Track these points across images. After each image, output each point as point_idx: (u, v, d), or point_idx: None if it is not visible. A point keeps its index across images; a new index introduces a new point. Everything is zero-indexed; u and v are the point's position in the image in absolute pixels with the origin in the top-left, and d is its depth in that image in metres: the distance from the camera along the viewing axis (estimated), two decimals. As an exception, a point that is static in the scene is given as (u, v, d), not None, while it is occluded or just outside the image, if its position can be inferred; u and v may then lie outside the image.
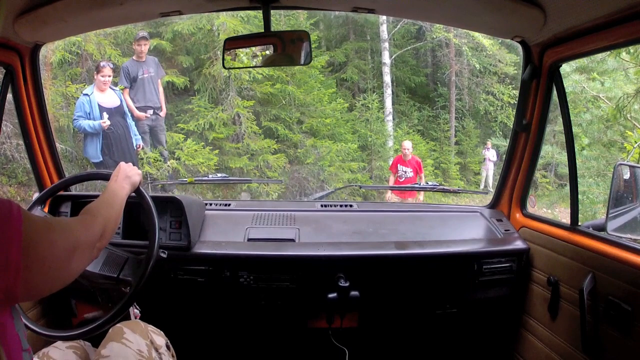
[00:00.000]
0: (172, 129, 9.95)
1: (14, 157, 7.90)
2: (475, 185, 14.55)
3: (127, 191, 1.96)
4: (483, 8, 2.11)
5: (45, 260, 1.22)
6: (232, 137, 10.64)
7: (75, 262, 1.35)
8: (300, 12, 12.41)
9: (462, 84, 15.74)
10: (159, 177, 8.54)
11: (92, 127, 6.60)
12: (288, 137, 11.29)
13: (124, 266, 2.16)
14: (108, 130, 6.65)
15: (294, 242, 2.59)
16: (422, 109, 15.59)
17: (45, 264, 1.22)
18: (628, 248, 1.98)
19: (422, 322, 2.89)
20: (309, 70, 11.72)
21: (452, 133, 15.27)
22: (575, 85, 8.66)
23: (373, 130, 13.00)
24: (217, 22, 10.26)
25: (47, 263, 1.23)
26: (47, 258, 1.23)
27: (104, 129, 6.61)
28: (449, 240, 2.68)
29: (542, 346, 2.48)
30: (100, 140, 6.74)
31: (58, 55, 8.88)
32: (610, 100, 8.42)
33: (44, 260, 1.21)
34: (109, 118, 6.63)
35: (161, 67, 8.04)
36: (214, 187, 9.65)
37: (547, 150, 10.63)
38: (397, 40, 15.39)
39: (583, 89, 8.77)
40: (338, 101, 12.50)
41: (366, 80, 14.86)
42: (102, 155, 6.78)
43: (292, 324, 2.83)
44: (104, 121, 6.55)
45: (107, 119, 6.57)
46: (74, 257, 1.34)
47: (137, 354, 1.87)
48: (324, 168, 11.02)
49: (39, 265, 1.20)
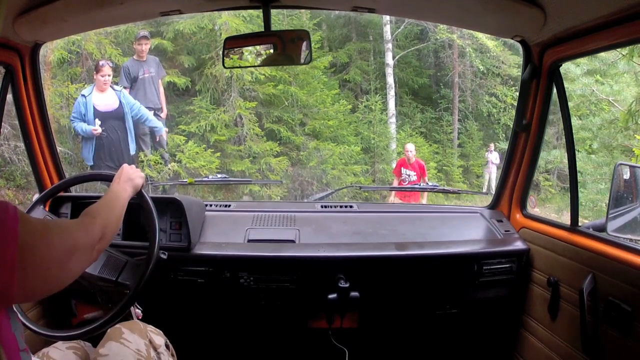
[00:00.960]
0: (173, 130, 9.91)
1: (12, 160, 7.84)
2: (478, 188, 14.48)
3: (128, 194, 1.96)
4: (483, 8, 2.11)
5: (42, 261, 1.21)
6: (234, 139, 10.61)
7: (73, 264, 1.34)
8: (303, 12, 12.40)
9: (465, 86, 15.68)
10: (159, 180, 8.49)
11: (84, 130, 6.52)
12: (291, 139, 11.27)
13: (122, 269, 2.16)
14: (102, 135, 6.56)
15: (294, 243, 2.60)
16: (424, 111, 15.53)
17: (43, 266, 1.21)
18: (628, 248, 1.98)
19: (422, 323, 2.89)
20: (311, 71, 11.70)
21: (455, 135, 15.21)
22: (585, 89, 8.60)
23: (376, 132, 12.96)
24: (220, 21, 10.25)
25: (44, 264, 1.22)
26: (44, 259, 1.22)
27: (95, 135, 6.52)
28: (449, 241, 2.68)
29: (542, 347, 2.48)
30: (94, 143, 6.66)
31: (57, 54, 8.84)
32: (618, 103, 8.38)
33: (41, 262, 1.21)
34: (104, 122, 6.53)
35: (162, 67, 8.02)
36: (215, 190, 9.64)
37: (556, 154, 10.52)
38: (400, 41, 15.35)
39: (592, 92, 8.71)
40: (341, 103, 12.43)
41: (369, 81, 14.80)
42: (96, 159, 6.70)
43: (292, 325, 2.83)
44: (94, 128, 6.46)
45: (98, 126, 6.47)
46: (72, 259, 1.32)
47: (136, 353, 1.87)
48: (327, 171, 10.98)
49: (36, 267, 1.19)
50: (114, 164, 6.65)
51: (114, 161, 6.71)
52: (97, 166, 6.65)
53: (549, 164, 11.83)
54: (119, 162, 6.72)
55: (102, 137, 6.62)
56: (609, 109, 9.03)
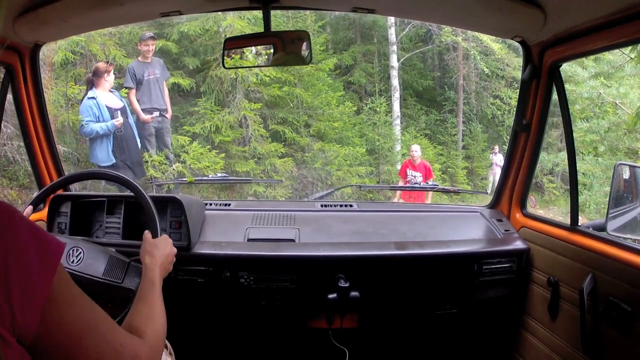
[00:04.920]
0: (177, 131, 9.93)
1: (15, 159, 7.84)
2: (482, 189, 14.40)
3: (161, 278, 1.75)
4: (483, 8, 2.12)
5: (58, 335, 0.95)
6: (239, 140, 10.61)
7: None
8: (307, 15, 12.41)
9: (469, 88, 15.67)
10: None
11: (104, 128, 6.51)
12: (295, 140, 11.26)
13: (126, 272, 2.15)
14: (119, 130, 6.60)
15: (294, 243, 2.60)
16: (429, 113, 15.51)
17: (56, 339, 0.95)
18: (628, 248, 1.98)
19: (422, 323, 2.89)
20: (316, 73, 11.70)
21: (459, 137, 15.18)
22: (592, 91, 8.55)
23: (381, 134, 12.94)
24: (224, 23, 10.22)
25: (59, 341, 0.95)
26: (66, 334, 0.96)
27: (117, 127, 6.54)
28: (449, 241, 2.68)
29: (542, 346, 2.47)
30: (110, 142, 6.66)
31: (61, 55, 8.78)
32: (625, 105, 8.35)
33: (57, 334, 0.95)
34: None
35: (166, 69, 8.02)
36: (219, 191, 9.64)
37: (563, 157, 10.44)
38: (405, 43, 15.34)
39: (600, 95, 8.67)
40: (346, 104, 12.43)
41: (373, 83, 14.80)
42: (116, 157, 6.71)
43: (292, 324, 2.83)
44: (118, 120, 6.49)
45: (120, 117, 6.51)
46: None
47: (135, 352, 1.85)
48: (332, 172, 10.97)
49: (51, 336, 0.93)
50: (130, 159, 6.76)
51: (131, 156, 6.80)
52: (117, 165, 6.65)
53: (555, 166, 11.78)
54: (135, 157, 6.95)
55: (119, 132, 6.64)
56: (613, 111, 9.00)
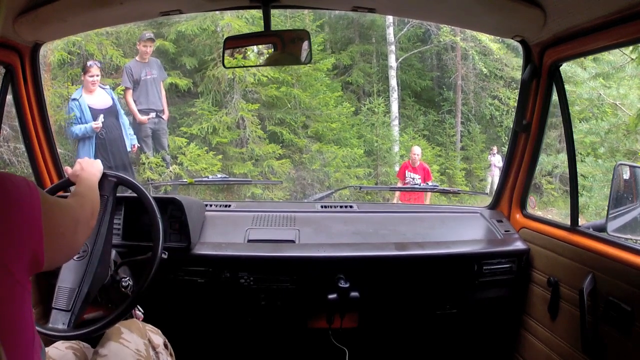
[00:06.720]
0: (174, 132, 9.89)
1: (12, 162, 7.78)
2: (480, 190, 14.41)
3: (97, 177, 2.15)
4: (483, 7, 2.12)
5: (58, 230, 1.33)
6: (236, 141, 10.57)
7: (78, 235, 1.47)
8: (306, 14, 12.39)
9: (468, 88, 15.63)
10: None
11: (83, 130, 6.46)
12: (293, 141, 11.20)
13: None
14: (101, 132, 6.52)
15: (294, 243, 2.60)
16: (427, 113, 15.45)
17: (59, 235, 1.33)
18: (628, 248, 1.98)
19: (422, 323, 2.88)
20: (314, 74, 11.65)
21: (457, 138, 15.15)
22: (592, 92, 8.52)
23: (379, 135, 12.90)
24: (222, 22, 10.17)
25: (60, 233, 1.34)
26: (60, 229, 1.34)
27: (96, 131, 6.47)
28: (449, 241, 2.69)
29: (542, 346, 2.47)
30: (93, 143, 6.60)
31: (58, 55, 8.76)
32: (625, 107, 8.34)
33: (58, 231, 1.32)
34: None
35: (163, 70, 8.01)
36: (217, 192, 9.63)
37: (562, 158, 10.41)
38: (403, 43, 15.30)
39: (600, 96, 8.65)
40: (344, 105, 12.36)
41: (371, 83, 14.75)
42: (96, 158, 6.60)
43: (292, 325, 2.83)
44: (95, 123, 6.41)
45: (100, 121, 6.43)
46: (77, 230, 1.46)
47: (135, 353, 1.88)
48: (330, 174, 10.94)
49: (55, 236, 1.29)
50: (114, 161, 6.67)
51: (115, 159, 6.72)
52: None
53: (555, 168, 11.76)
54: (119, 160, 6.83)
55: (101, 136, 6.58)
56: (613, 112, 8.99)
